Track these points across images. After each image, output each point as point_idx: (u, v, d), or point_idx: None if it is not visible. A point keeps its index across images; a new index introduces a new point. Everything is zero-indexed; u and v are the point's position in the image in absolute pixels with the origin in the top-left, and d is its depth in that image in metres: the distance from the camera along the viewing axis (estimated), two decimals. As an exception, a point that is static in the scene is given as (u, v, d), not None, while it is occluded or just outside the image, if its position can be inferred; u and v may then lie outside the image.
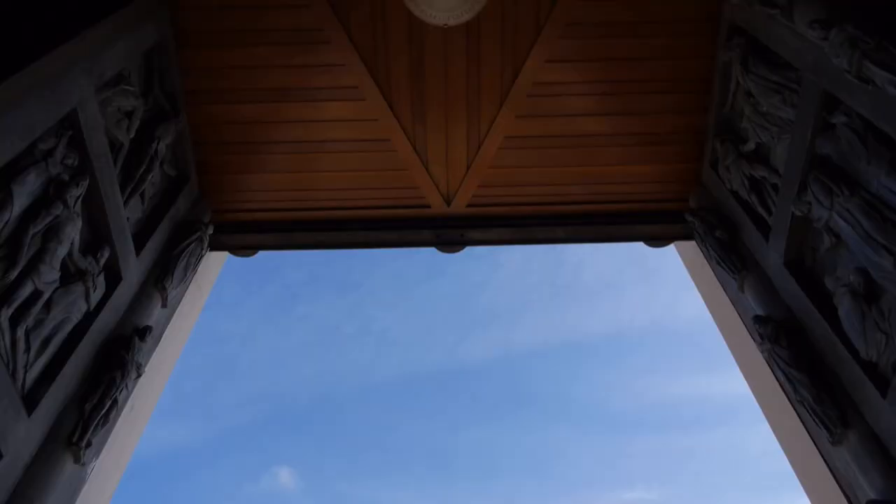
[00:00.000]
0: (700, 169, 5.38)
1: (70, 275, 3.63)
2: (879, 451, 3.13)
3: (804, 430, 3.73)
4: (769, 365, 4.04)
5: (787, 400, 3.91)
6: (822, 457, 3.55)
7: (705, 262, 5.08)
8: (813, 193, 3.66)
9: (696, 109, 5.23)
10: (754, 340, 4.28)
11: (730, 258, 4.68)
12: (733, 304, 4.71)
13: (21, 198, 3.19)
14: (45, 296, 3.37)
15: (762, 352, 4.10)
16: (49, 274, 3.37)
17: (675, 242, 5.65)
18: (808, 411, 3.56)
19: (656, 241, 5.63)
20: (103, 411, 3.60)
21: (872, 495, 3.07)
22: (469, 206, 5.60)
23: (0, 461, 2.90)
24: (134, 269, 4.31)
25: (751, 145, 4.64)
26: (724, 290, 4.83)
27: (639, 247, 5.79)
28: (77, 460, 3.42)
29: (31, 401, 3.18)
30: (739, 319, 4.62)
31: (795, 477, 4.08)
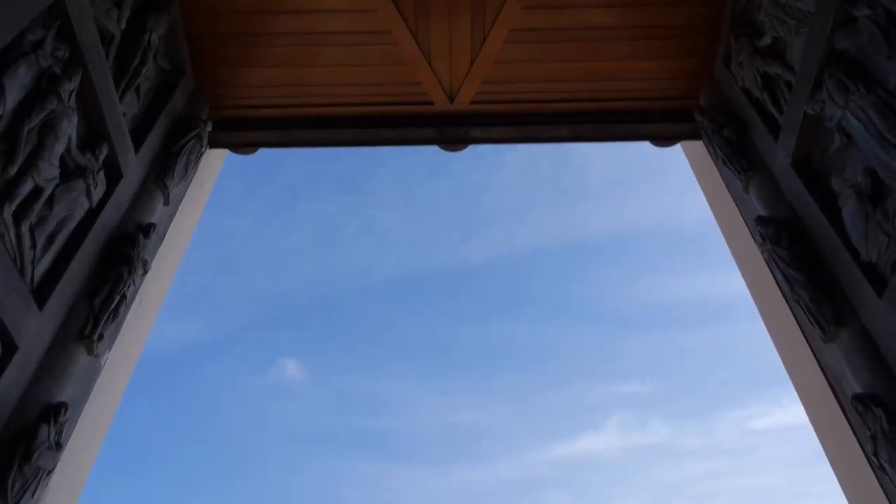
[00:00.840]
0: (711, 65, 5.19)
1: (70, 171, 3.62)
2: (870, 349, 3.22)
3: (798, 328, 3.82)
4: (768, 265, 4.09)
5: (783, 299, 3.98)
6: (814, 353, 3.67)
7: (712, 162, 5.02)
8: (827, 91, 3.56)
9: (710, 0, 4.98)
10: (755, 241, 4.31)
11: (737, 158, 4.63)
12: (737, 204, 4.70)
13: (13, 91, 3.13)
14: (47, 192, 3.37)
15: (762, 252, 4.14)
16: (48, 170, 3.36)
17: (682, 142, 5.55)
18: (803, 310, 3.64)
19: (663, 140, 5.52)
20: (112, 306, 3.70)
21: (858, 390, 3.18)
22: (473, 103, 5.45)
23: (16, 353, 3.01)
24: (133, 166, 4.27)
25: (766, 40, 4.46)
26: (729, 190, 4.80)
27: (645, 147, 5.69)
28: (90, 352, 3.54)
29: (41, 296, 3.26)
30: (742, 220, 4.62)
31: (785, 372, 4.23)
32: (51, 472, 3.06)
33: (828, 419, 3.46)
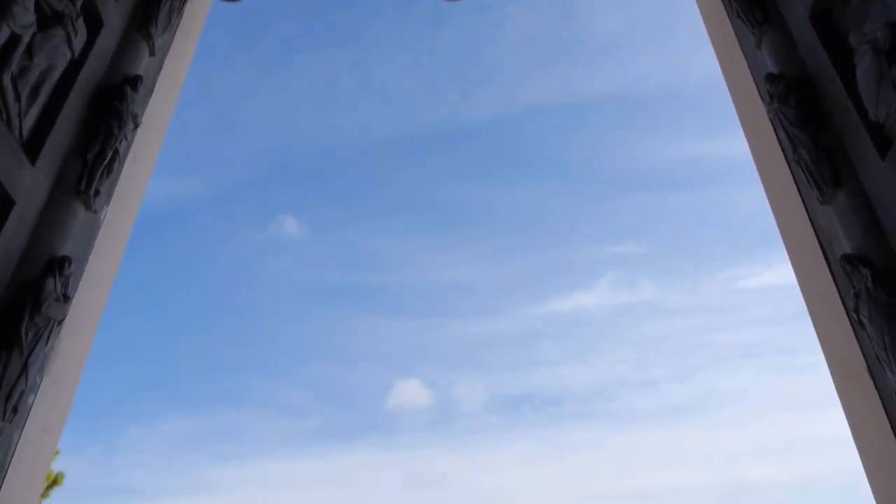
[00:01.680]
0: None
1: (47, 18, 3.42)
2: (866, 210, 3.24)
3: (795, 189, 3.82)
4: (773, 125, 4.00)
5: (784, 160, 3.95)
6: (808, 214, 3.69)
7: (725, 14, 4.75)
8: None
9: None
10: (762, 100, 4.19)
11: (752, 10, 4.37)
12: (747, 60, 4.51)
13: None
14: (25, 40, 3.21)
15: (769, 112, 4.03)
16: (23, 16, 3.18)
17: (695, -8, 5.21)
18: (803, 171, 3.61)
19: (675, -11, 5.18)
20: (106, 161, 3.66)
21: (848, 250, 3.24)
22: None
23: (14, 207, 3.02)
24: (114, 12, 4.04)
25: None
26: (741, 45, 4.59)
27: (654, 2, 5.35)
28: (88, 207, 3.55)
29: (31, 150, 3.21)
30: (751, 77, 4.46)
31: (778, 233, 4.29)
32: (61, 321, 3.18)
33: (815, 278, 3.55)
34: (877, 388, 2.63)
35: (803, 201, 3.74)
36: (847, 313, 3.01)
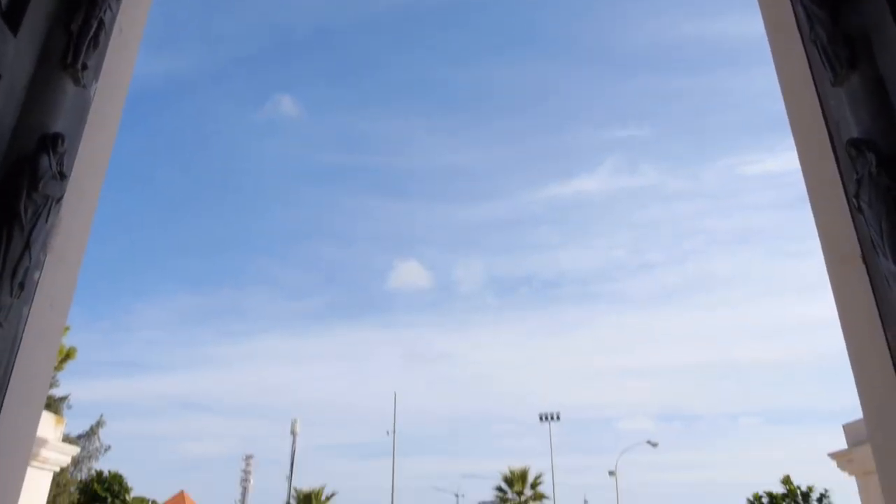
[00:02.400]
0: None
1: None
2: (879, 94, 3.14)
3: (808, 69, 3.69)
4: (791, 1, 3.80)
5: (799, 38, 3.78)
6: (819, 97, 3.59)
7: None
8: None
9: None
10: (782, -27, 3.95)
11: None
12: (770, -71, 4.22)
13: None
14: None
15: (788, -13, 3.82)
16: None
17: None
18: (818, 51, 3.47)
19: None
20: (91, 33, 3.50)
21: (856, 134, 3.18)
22: None
23: (0, 81, 2.93)
24: None
25: None
26: (764, -89, 4.27)
27: None
28: (77, 83, 3.44)
29: (11, 20, 3.06)
30: (772, -51, 4.19)
31: (786, 117, 4.19)
32: (59, 199, 3.17)
33: (818, 163, 3.51)
34: (868, 273, 2.67)
35: (815, 83, 3.62)
36: (847, 199, 3.00)
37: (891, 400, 2.22)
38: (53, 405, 31.88)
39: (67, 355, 31.24)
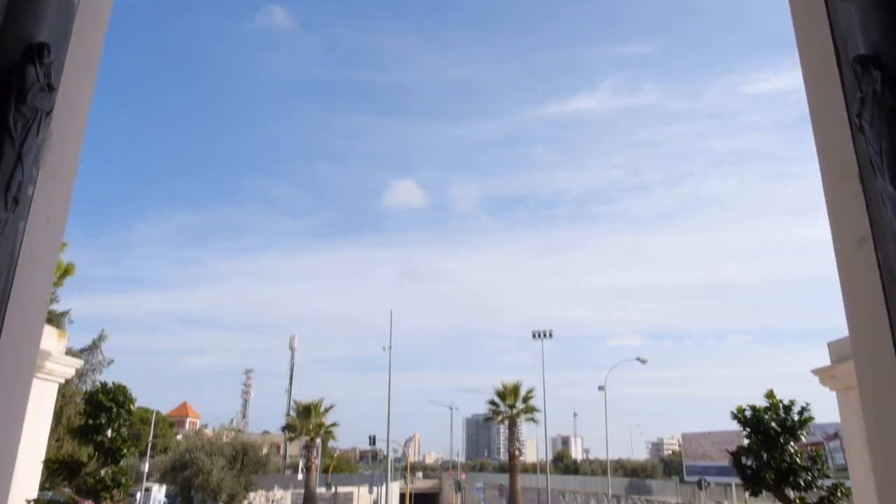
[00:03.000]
0: None
1: None
2: (890, 10, 3.04)
3: (819, -18, 3.56)
4: None
5: (812, -51, 3.63)
6: (827, 11, 3.47)
7: None
8: None
9: None
10: None
11: None
12: None
13: None
14: None
15: None
16: None
17: None
18: (831, -38, 3.33)
19: None
20: (71, -65, 3.33)
21: (863, 51, 3.10)
22: None
23: (-22, -14, 2.81)
24: None
25: None
26: None
27: None
28: (59, -11, 3.30)
29: (-14, -81, 2.91)
30: None
31: (793, 33, 4.07)
32: (49, 112, 3.11)
33: (823, 80, 3.44)
34: (864, 193, 2.67)
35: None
36: (849, 118, 2.96)
37: (876, 318, 2.27)
38: (55, 320, 32.42)
39: (66, 271, 31.50)
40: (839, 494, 4.24)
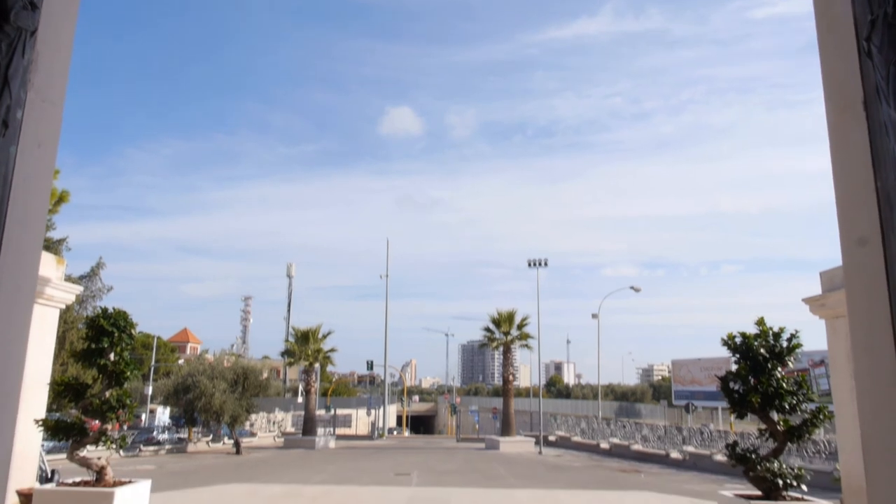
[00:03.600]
0: None
1: None
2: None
3: None
4: None
5: None
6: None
7: None
8: None
9: None
10: None
11: None
12: None
13: None
14: None
15: None
16: None
17: None
18: None
19: None
20: None
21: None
22: None
23: None
24: None
25: None
26: None
27: None
28: None
29: None
30: None
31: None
32: (33, 32, 3.01)
33: (831, 2, 3.34)
34: (868, 121, 2.63)
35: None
36: (857, 42, 2.89)
37: (871, 246, 2.28)
38: (52, 247, 32.48)
39: (61, 198, 31.30)
40: (822, 417, 4.39)
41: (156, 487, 5.18)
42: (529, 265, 47.35)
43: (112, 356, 4.92)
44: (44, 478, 7.75)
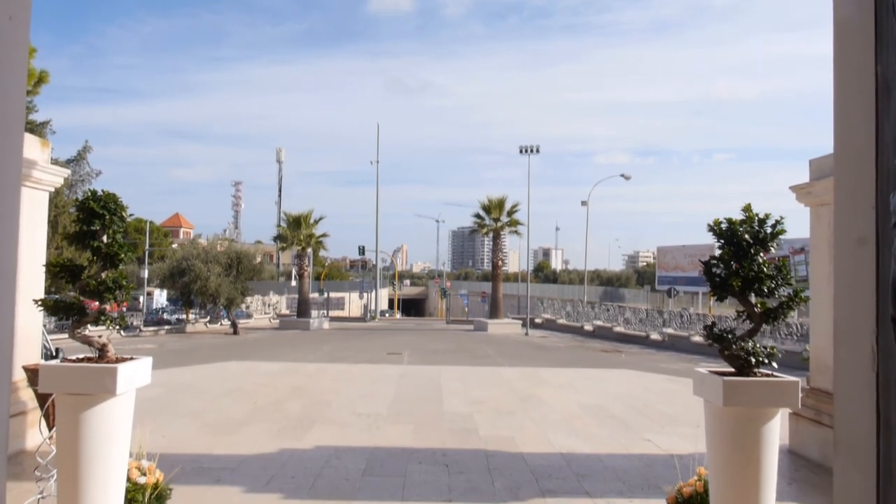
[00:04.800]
0: None
1: None
2: None
3: None
4: None
5: None
6: None
7: None
8: None
9: None
10: None
11: None
12: None
13: None
14: None
15: None
16: None
17: None
18: None
19: None
20: None
21: None
22: None
23: None
24: None
25: None
26: None
27: None
28: None
29: None
30: None
31: None
32: None
33: None
34: (875, 2, 2.54)
35: None
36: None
37: (864, 132, 2.28)
38: (36, 130, 31.72)
39: (40, 79, 30.19)
40: (798, 300, 4.57)
41: (157, 365, 5.40)
42: (521, 152, 46.94)
43: (105, 238, 4.95)
44: (48, 355, 8.03)
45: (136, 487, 4.99)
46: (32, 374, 5.29)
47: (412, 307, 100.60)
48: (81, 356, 4.89)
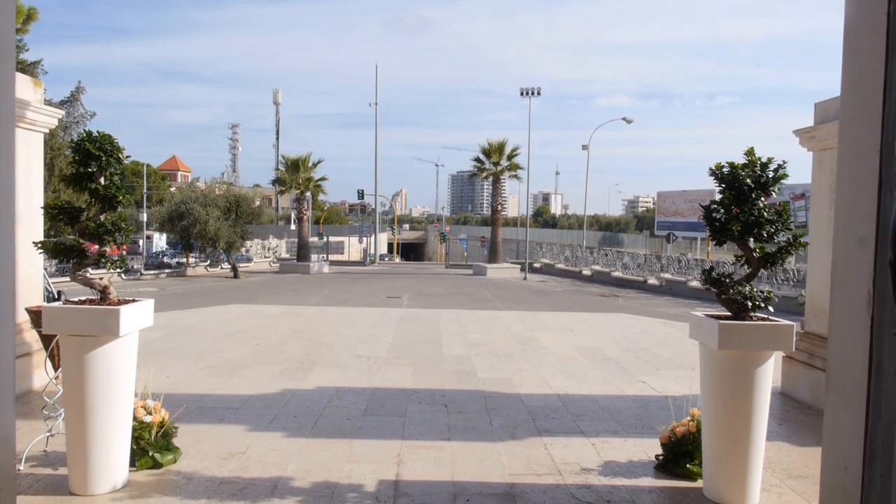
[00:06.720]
0: None
1: None
2: None
3: None
4: None
5: None
6: None
7: None
8: None
9: None
10: None
11: None
12: None
13: None
14: None
15: None
16: None
17: None
18: None
19: None
20: None
21: None
22: None
23: None
24: None
25: None
26: None
27: None
28: None
29: None
30: None
31: None
32: None
33: None
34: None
35: None
36: None
37: (874, 72, 2.23)
38: (27, 70, 31.03)
39: (29, 16, 29.39)
40: (796, 245, 4.57)
41: (158, 307, 5.44)
42: (522, 94, 46.15)
43: (102, 181, 4.91)
44: (50, 298, 8.09)
45: (143, 426, 5.11)
46: (36, 316, 5.35)
47: (411, 251, 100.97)
48: (83, 298, 4.92)
